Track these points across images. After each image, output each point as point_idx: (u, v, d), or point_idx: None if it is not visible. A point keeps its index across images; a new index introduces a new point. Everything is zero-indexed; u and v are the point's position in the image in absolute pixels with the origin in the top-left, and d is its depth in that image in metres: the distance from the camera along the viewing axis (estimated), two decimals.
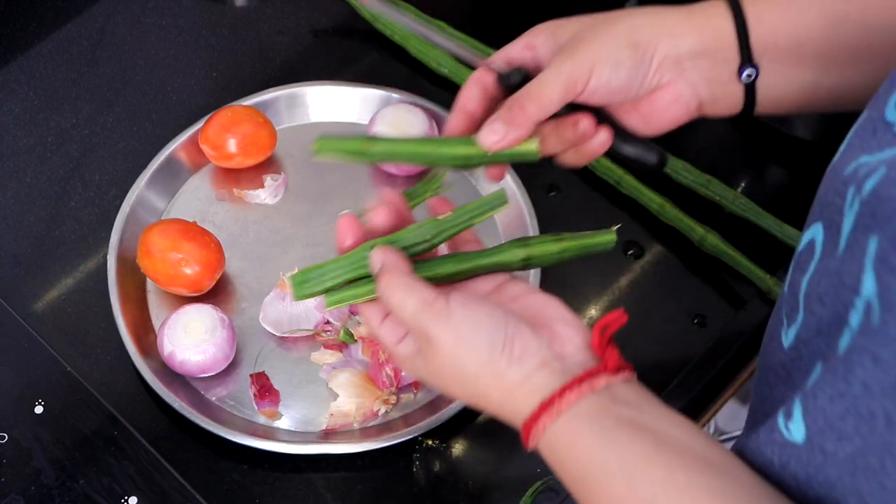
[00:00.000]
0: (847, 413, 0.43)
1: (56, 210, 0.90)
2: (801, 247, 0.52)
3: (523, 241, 0.62)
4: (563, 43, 0.62)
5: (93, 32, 1.01)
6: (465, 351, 0.55)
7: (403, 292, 0.57)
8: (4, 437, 0.74)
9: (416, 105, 0.92)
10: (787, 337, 0.52)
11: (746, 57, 0.61)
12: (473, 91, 0.65)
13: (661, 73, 0.61)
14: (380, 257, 0.59)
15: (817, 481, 0.46)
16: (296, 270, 0.63)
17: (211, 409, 0.79)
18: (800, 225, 0.86)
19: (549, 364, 0.54)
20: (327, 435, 0.79)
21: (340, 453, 0.77)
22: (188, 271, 0.81)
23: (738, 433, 1.09)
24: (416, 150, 0.63)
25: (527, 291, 0.60)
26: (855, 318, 0.44)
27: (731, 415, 1.17)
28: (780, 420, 0.48)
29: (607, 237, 0.62)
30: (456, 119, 0.65)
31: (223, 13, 1.04)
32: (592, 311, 0.85)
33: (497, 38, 0.98)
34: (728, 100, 0.63)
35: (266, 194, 0.90)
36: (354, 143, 0.62)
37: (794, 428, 0.47)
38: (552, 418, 0.53)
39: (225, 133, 0.88)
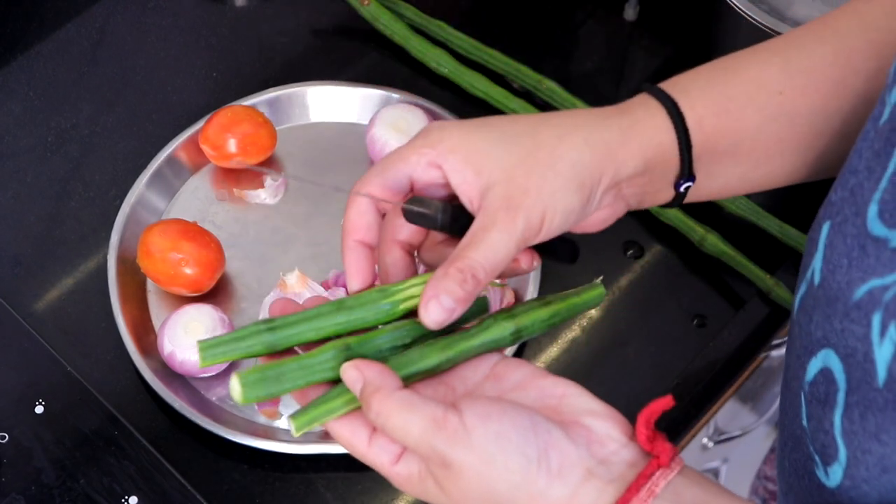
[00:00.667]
0: None
1: (56, 210, 0.90)
2: (810, 377, 0.49)
3: (508, 312, 0.54)
4: (493, 183, 0.52)
5: (93, 33, 1.01)
6: (495, 474, 0.47)
7: (404, 413, 0.47)
8: (5, 436, 0.74)
9: (417, 105, 0.92)
10: (831, 477, 0.48)
11: (687, 171, 0.57)
12: (369, 218, 0.54)
13: (602, 201, 0.55)
14: (359, 374, 0.49)
15: None
16: (254, 364, 0.52)
17: (211, 408, 0.79)
18: (799, 225, 0.87)
19: (594, 473, 0.47)
20: (328, 435, 0.78)
21: (341, 453, 0.77)
22: (188, 271, 0.81)
23: (738, 433, 1.09)
24: (329, 324, 0.52)
25: (532, 376, 0.51)
26: None
27: (730, 415, 1.17)
28: None
29: (596, 292, 0.57)
30: (357, 261, 0.54)
31: (223, 13, 1.04)
32: (592, 311, 0.85)
33: (497, 38, 0.98)
34: (655, 201, 0.59)
35: (266, 194, 0.90)
36: (245, 338, 0.51)
37: None
38: None
39: (225, 133, 0.88)
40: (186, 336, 0.78)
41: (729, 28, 0.92)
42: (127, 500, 0.72)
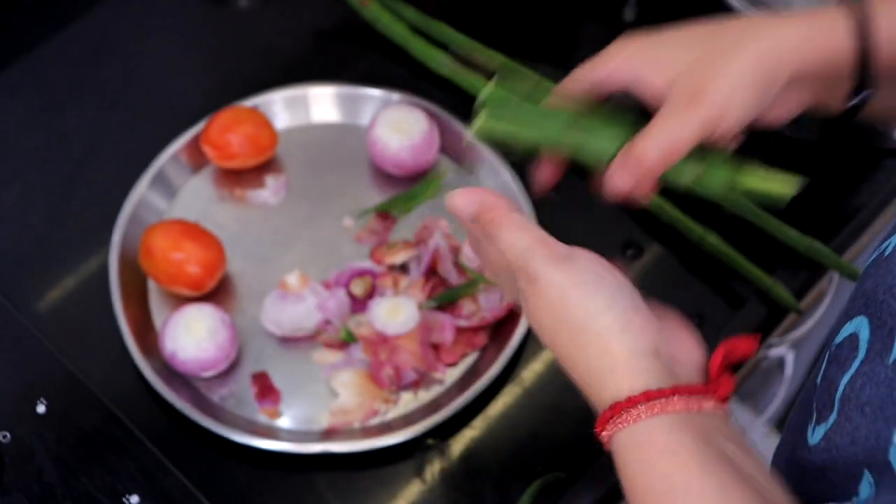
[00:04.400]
0: None
1: (59, 210, 0.91)
2: (839, 338, 0.50)
3: (701, 152, 0.57)
4: (679, 75, 0.57)
5: (96, 34, 1.02)
6: (577, 300, 0.49)
7: (515, 231, 0.52)
8: (7, 435, 0.74)
9: (417, 105, 0.92)
10: (814, 434, 0.49)
11: (867, 81, 0.57)
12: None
13: (779, 97, 0.57)
14: (473, 197, 0.53)
15: None
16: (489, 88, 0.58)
17: (212, 408, 0.80)
18: (798, 225, 0.87)
19: (660, 356, 0.49)
20: (328, 434, 0.79)
21: (341, 452, 0.77)
22: (190, 271, 0.82)
23: None
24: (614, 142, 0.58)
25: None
26: None
27: (729, 414, 1.17)
28: None
29: (786, 185, 0.59)
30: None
31: (225, 15, 1.04)
32: None
33: (497, 38, 0.99)
34: (833, 106, 0.60)
35: (267, 194, 0.90)
36: (545, 118, 0.57)
37: None
38: (651, 413, 0.46)
39: (226, 134, 0.89)
40: (188, 336, 0.79)
41: None
42: (128, 499, 0.72)
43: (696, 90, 0.56)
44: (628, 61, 0.59)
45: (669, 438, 0.46)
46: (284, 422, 0.80)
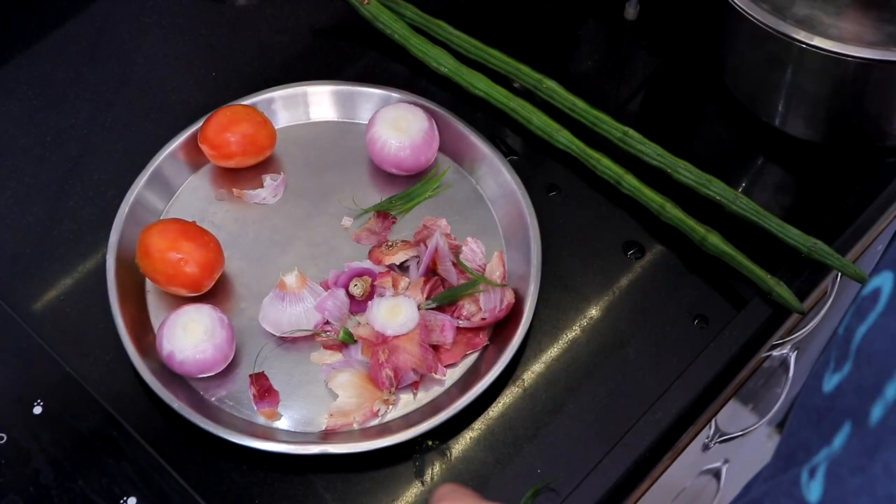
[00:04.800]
0: (861, 491, 0.41)
1: (55, 210, 0.90)
2: (865, 291, 0.50)
3: None
4: None
5: (92, 31, 1.01)
6: None
7: None
8: (3, 437, 0.74)
9: (416, 104, 0.91)
10: (829, 382, 0.50)
11: None
12: None
13: None
14: None
15: None
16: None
17: (210, 409, 0.79)
18: (801, 225, 0.87)
19: None
20: (327, 435, 0.78)
21: (340, 454, 0.77)
22: (187, 271, 0.81)
23: (739, 434, 1.08)
24: None
25: None
26: (892, 391, 0.42)
27: (731, 415, 1.16)
28: (804, 476, 0.46)
29: None
30: None
31: (223, 12, 1.04)
32: (593, 311, 0.85)
33: (497, 38, 0.98)
34: None
35: (265, 194, 0.90)
36: None
37: (814, 488, 0.45)
38: None
39: (224, 133, 0.88)
40: (185, 336, 0.78)
41: (730, 27, 0.92)
42: (125, 502, 0.72)
43: None
44: None
45: None
46: (283, 423, 0.79)
